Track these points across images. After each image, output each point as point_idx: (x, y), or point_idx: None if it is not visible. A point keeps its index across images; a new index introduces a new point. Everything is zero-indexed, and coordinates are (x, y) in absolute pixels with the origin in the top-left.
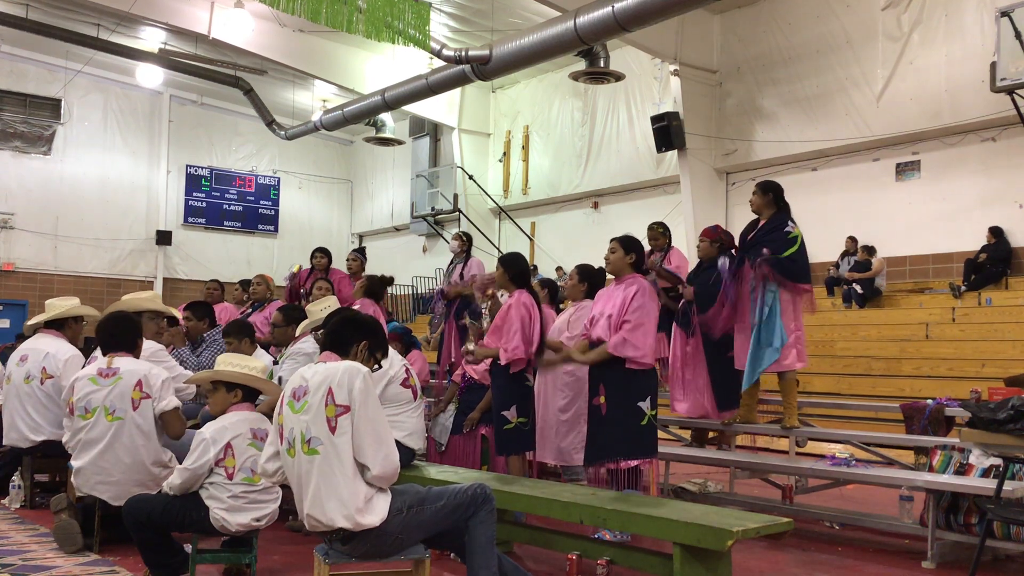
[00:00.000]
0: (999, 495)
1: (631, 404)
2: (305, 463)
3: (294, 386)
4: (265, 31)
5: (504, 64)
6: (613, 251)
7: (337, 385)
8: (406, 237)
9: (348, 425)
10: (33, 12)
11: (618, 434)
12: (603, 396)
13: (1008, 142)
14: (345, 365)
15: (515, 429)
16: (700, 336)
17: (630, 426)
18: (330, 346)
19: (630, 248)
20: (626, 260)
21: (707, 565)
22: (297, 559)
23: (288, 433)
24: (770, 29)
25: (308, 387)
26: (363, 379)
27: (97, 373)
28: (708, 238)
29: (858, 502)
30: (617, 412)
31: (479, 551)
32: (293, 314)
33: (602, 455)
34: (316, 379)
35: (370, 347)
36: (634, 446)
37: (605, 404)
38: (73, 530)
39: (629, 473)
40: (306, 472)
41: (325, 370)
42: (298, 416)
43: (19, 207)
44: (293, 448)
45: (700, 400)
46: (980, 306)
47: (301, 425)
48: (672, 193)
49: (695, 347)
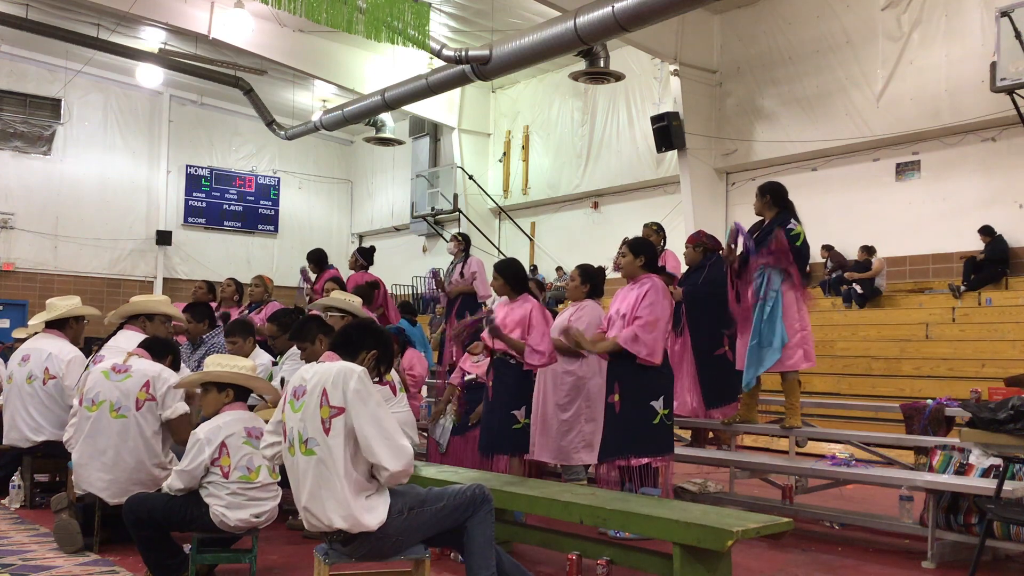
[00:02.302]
0: (999, 495)
1: (644, 402)
2: (303, 463)
3: (295, 385)
4: (265, 31)
5: (504, 64)
6: (623, 255)
7: (331, 386)
8: (406, 237)
9: (342, 427)
10: (33, 12)
11: (630, 432)
12: (617, 394)
13: (1008, 142)
14: (340, 366)
15: (522, 429)
16: (688, 335)
17: (641, 424)
18: (337, 347)
19: (639, 251)
20: (636, 263)
21: (707, 565)
22: (297, 559)
23: (289, 432)
24: (770, 29)
25: (306, 387)
26: (358, 379)
27: (111, 368)
28: (691, 244)
29: (858, 502)
30: (630, 410)
31: (477, 551)
32: (287, 321)
33: (614, 452)
34: (313, 380)
35: (378, 358)
36: (645, 444)
37: (619, 402)
38: (73, 530)
39: (642, 471)
40: (303, 472)
41: (322, 371)
42: (296, 416)
43: (19, 207)
44: (293, 447)
45: (685, 398)
46: (980, 306)
47: (299, 425)
48: (672, 193)
49: (683, 345)
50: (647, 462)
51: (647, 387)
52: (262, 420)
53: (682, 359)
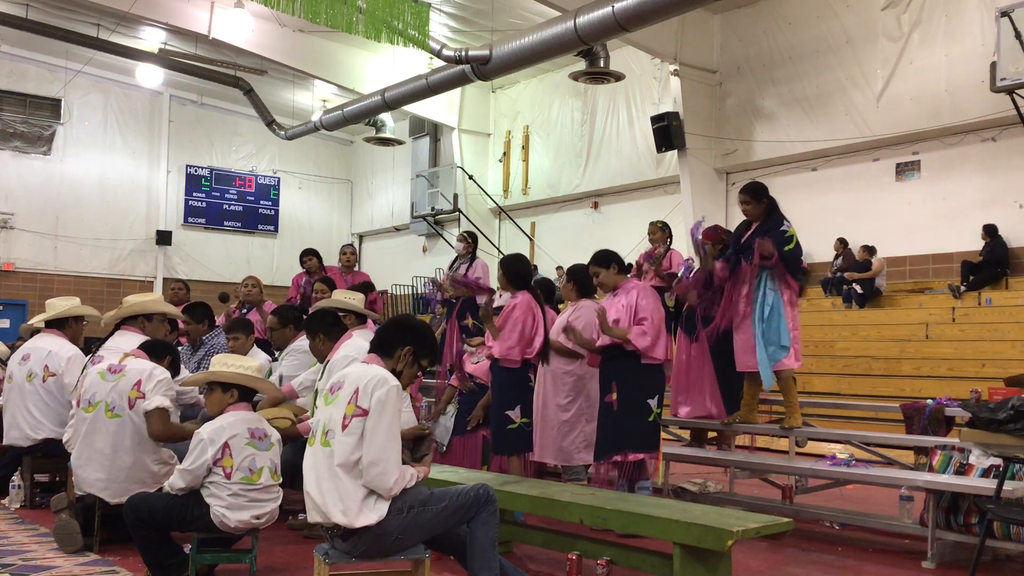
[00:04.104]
0: (999, 495)
1: (641, 400)
2: (319, 453)
3: (332, 381)
4: (265, 31)
5: (504, 64)
6: (596, 274)
7: (363, 388)
8: (406, 237)
9: (359, 427)
10: (33, 12)
11: (628, 429)
12: (615, 393)
13: (1008, 142)
14: (376, 371)
15: (519, 429)
16: (704, 341)
17: (639, 421)
18: (375, 348)
19: (608, 262)
20: (611, 272)
21: (707, 565)
22: (297, 559)
23: (315, 424)
24: (770, 29)
25: (343, 383)
26: (387, 391)
27: (107, 369)
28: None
29: (858, 502)
30: (628, 408)
31: (480, 552)
32: (288, 315)
33: (611, 449)
34: (351, 377)
35: (415, 352)
36: (643, 441)
37: (617, 400)
38: (73, 530)
39: (636, 466)
40: (316, 462)
41: (361, 372)
42: (328, 409)
43: (19, 207)
44: (314, 438)
45: (705, 404)
46: (980, 306)
47: (326, 418)
48: (672, 193)
49: (699, 351)
50: (643, 458)
51: (645, 386)
52: (266, 421)
53: (700, 364)
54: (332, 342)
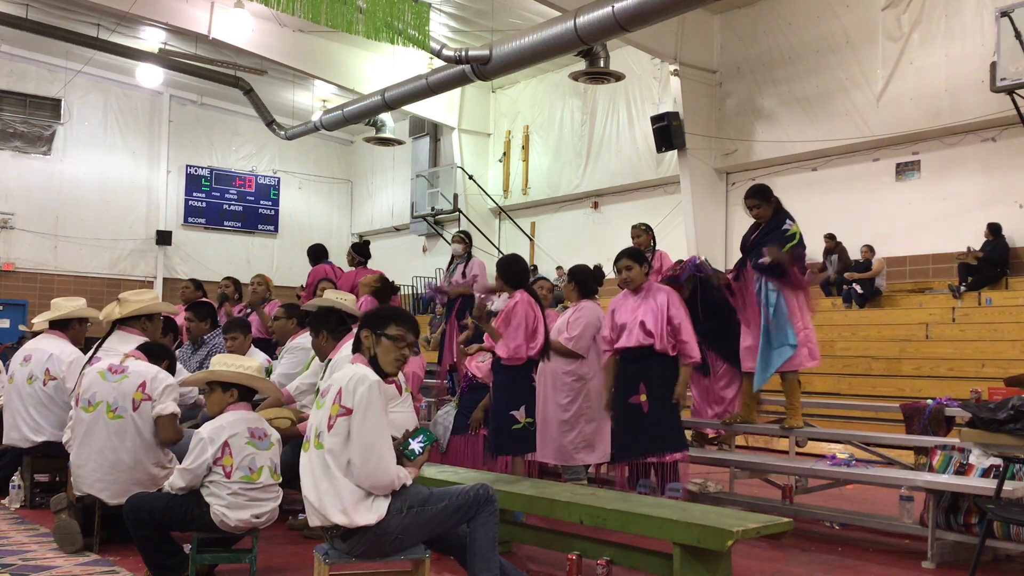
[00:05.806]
0: (999, 495)
1: (668, 399)
2: (314, 456)
3: (323, 387)
4: (265, 31)
5: (504, 64)
6: (629, 268)
7: (346, 387)
8: (406, 237)
9: (345, 427)
10: (33, 12)
11: (662, 430)
12: (644, 395)
13: (1008, 142)
14: (357, 370)
15: (523, 429)
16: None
17: (671, 421)
18: (354, 348)
19: (641, 259)
20: (642, 271)
21: (707, 565)
22: (297, 559)
23: (309, 429)
24: (770, 29)
25: (331, 386)
26: (368, 387)
27: (108, 369)
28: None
29: (858, 502)
30: (659, 409)
31: (480, 552)
32: (296, 310)
33: (645, 450)
34: (336, 379)
35: (373, 330)
36: (677, 440)
37: (647, 402)
38: (73, 530)
39: (672, 467)
40: (311, 465)
41: (344, 373)
42: (318, 412)
43: (19, 207)
44: (308, 443)
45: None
46: (980, 306)
47: (317, 421)
48: (672, 193)
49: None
50: (679, 458)
51: (671, 385)
52: (265, 421)
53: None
54: (335, 341)
